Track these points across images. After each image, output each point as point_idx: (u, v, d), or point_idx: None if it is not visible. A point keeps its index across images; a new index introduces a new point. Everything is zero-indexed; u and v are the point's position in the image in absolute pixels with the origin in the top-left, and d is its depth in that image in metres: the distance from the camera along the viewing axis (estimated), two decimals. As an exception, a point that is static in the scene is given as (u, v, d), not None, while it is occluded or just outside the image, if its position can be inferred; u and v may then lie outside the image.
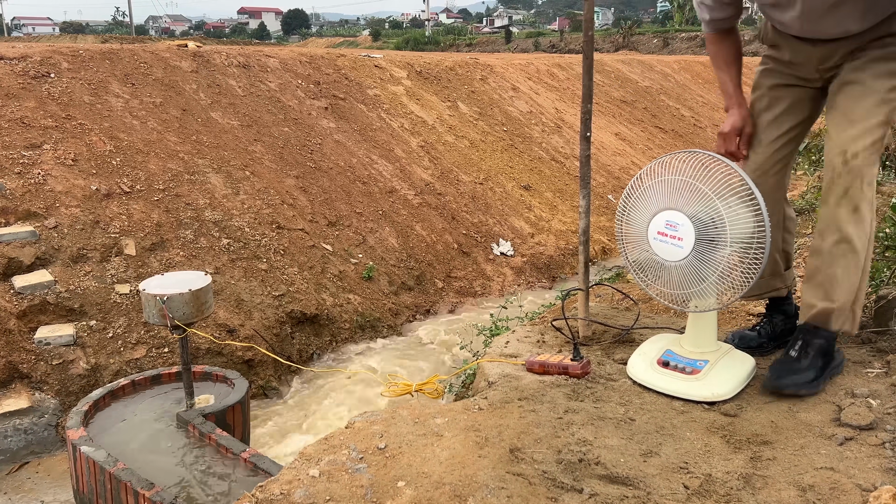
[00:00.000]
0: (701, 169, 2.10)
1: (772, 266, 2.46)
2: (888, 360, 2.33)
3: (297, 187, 8.34)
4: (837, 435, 1.92)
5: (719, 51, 2.49)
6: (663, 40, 39.76)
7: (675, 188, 2.14)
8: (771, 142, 2.41)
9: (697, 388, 2.16)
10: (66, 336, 5.44)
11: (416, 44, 43.20)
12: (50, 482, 4.77)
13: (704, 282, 2.13)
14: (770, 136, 2.41)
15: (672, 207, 2.13)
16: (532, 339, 2.76)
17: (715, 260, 2.10)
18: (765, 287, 2.49)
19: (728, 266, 2.09)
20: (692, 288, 2.17)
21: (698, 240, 2.09)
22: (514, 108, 13.01)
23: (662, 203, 2.16)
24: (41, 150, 6.75)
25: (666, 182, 2.17)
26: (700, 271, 2.13)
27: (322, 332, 6.88)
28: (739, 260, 2.08)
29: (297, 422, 5.57)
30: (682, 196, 2.12)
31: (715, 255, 2.09)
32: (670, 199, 2.14)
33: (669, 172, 2.16)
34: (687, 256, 2.12)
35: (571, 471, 1.80)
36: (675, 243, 2.13)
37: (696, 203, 2.10)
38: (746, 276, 2.09)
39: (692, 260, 2.12)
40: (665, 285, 2.24)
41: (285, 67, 10.63)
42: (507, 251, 9.24)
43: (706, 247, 2.10)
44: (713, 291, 2.15)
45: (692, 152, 2.14)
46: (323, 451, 1.90)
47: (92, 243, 6.15)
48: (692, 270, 2.14)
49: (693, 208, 2.10)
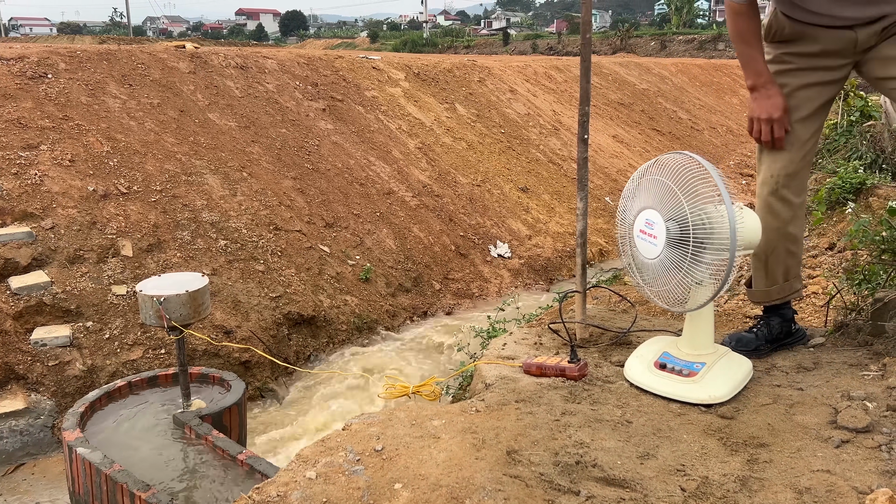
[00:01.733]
0: (678, 170, 2.13)
1: (793, 269, 2.49)
2: (884, 362, 2.33)
3: (295, 189, 8.33)
4: (834, 437, 1.92)
5: (751, 24, 2.32)
6: (661, 43, 39.84)
7: (654, 188, 2.19)
8: (802, 143, 2.37)
9: (694, 391, 2.16)
10: (62, 337, 5.42)
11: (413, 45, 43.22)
12: (46, 484, 4.76)
13: (672, 281, 2.17)
14: (802, 138, 2.37)
15: (651, 206, 2.18)
16: (529, 341, 2.76)
17: (681, 259, 2.13)
18: (787, 290, 2.50)
19: (697, 266, 2.10)
20: (663, 286, 2.20)
21: (668, 239, 2.13)
22: (511, 110, 13.02)
23: (644, 202, 2.22)
24: (38, 151, 6.74)
25: (648, 182, 2.22)
26: (669, 270, 2.16)
27: (319, 333, 6.87)
28: (710, 261, 2.09)
29: (294, 424, 5.56)
30: (659, 196, 2.17)
31: (683, 255, 2.12)
32: (650, 199, 2.20)
33: (653, 173, 2.21)
34: (659, 255, 2.16)
35: (568, 473, 1.80)
36: (651, 241, 2.18)
37: (668, 203, 2.14)
38: (715, 278, 2.09)
39: (663, 259, 2.16)
40: (647, 283, 2.29)
41: (283, 69, 10.63)
42: (504, 253, 9.25)
43: (675, 246, 2.13)
44: (682, 290, 2.18)
45: (681, 154, 2.16)
46: (320, 452, 1.89)
47: (89, 244, 6.14)
48: (663, 269, 2.18)
49: (665, 208, 2.15)
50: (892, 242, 3.02)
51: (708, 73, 20.87)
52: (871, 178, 4.78)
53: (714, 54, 33.47)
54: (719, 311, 3.58)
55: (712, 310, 2.30)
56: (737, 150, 15.32)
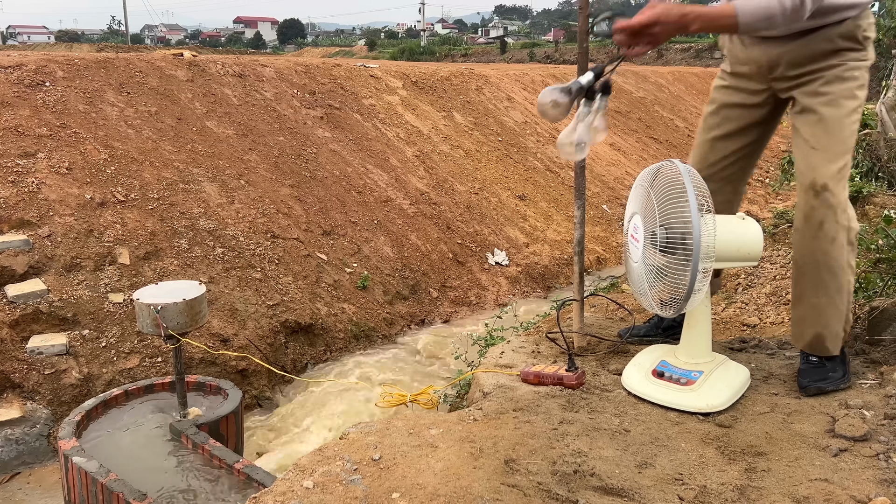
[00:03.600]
0: (657, 176, 2.19)
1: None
2: (881, 371, 2.33)
3: (292, 196, 8.33)
4: (832, 446, 1.92)
5: None
6: (657, 51, 39.99)
7: (640, 193, 2.27)
8: (718, 160, 2.46)
9: (692, 399, 2.16)
10: (58, 345, 5.41)
11: (411, 54, 43.31)
12: (41, 493, 4.73)
13: (644, 283, 2.21)
14: (718, 155, 2.46)
15: (637, 211, 2.26)
16: (527, 349, 2.76)
17: (652, 262, 2.18)
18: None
19: (664, 269, 2.14)
20: (640, 287, 2.26)
21: (644, 241, 2.19)
22: (509, 118, 13.06)
23: (634, 207, 2.30)
24: (35, 159, 6.73)
25: (636, 187, 2.30)
26: (644, 272, 2.22)
27: (316, 341, 6.86)
28: (677, 264, 2.10)
29: (291, 432, 5.54)
30: (641, 201, 2.25)
31: (654, 258, 2.17)
32: (637, 204, 2.27)
33: (642, 179, 2.27)
34: (639, 259, 2.23)
35: (566, 482, 1.79)
36: (635, 244, 2.26)
37: (646, 207, 2.20)
38: (677, 283, 2.11)
39: (641, 262, 2.22)
40: (634, 285, 2.34)
41: (281, 77, 10.65)
42: (502, 261, 9.25)
43: (648, 249, 2.18)
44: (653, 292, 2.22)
45: (672, 162, 2.18)
46: (317, 462, 1.89)
47: (86, 252, 6.13)
48: (640, 272, 2.24)
49: (644, 212, 2.22)
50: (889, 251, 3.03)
51: (704, 81, 20.93)
52: (868, 186, 4.80)
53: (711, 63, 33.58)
54: (716, 319, 3.58)
55: (709, 318, 2.31)
56: (733, 158, 15.36)
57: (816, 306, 2.25)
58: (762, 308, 3.63)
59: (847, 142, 2.15)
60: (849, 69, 2.15)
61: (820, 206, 2.13)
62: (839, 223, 2.14)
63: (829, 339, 2.25)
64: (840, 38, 2.14)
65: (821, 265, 2.20)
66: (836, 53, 2.16)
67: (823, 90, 2.17)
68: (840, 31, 2.13)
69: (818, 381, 2.24)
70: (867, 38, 2.17)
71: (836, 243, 2.16)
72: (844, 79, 2.15)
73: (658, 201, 2.13)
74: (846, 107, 2.15)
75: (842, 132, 2.14)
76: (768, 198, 12.75)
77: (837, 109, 2.15)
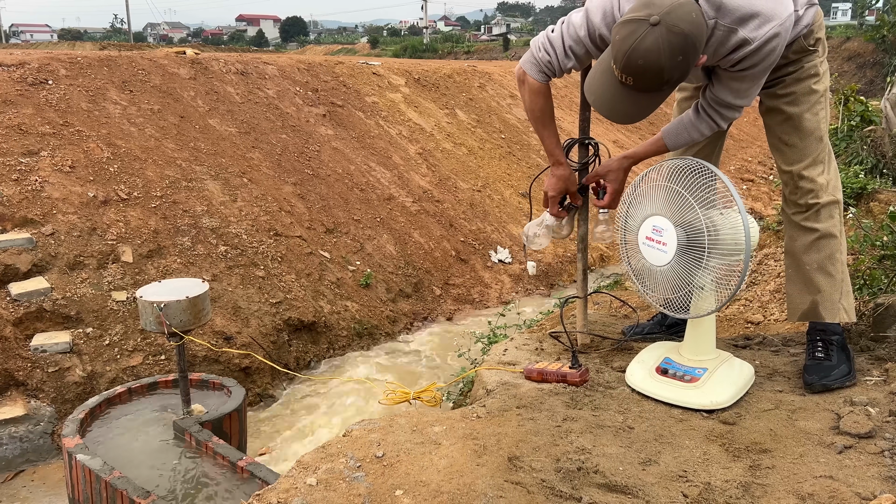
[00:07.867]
0: (687, 175, 2.11)
1: None
2: (886, 367, 2.32)
3: (295, 194, 8.33)
4: (836, 443, 1.91)
5: (546, 104, 2.37)
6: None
7: (661, 194, 2.18)
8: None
9: (696, 396, 2.16)
10: (62, 343, 5.41)
11: (414, 51, 43.24)
12: (45, 490, 4.74)
13: (685, 287, 2.15)
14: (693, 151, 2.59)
15: (658, 213, 2.18)
16: (530, 346, 2.76)
17: (695, 266, 2.12)
18: None
19: (708, 272, 2.10)
20: (675, 293, 2.19)
21: (680, 246, 2.12)
22: (512, 115, 13.04)
23: (651, 209, 2.21)
24: (38, 157, 6.74)
25: (654, 188, 2.21)
26: (681, 277, 2.15)
27: (319, 339, 6.86)
28: (722, 266, 2.09)
29: (295, 430, 5.55)
30: (667, 202, 2.16)
31: (696, 261, 2.11)
32: (657, 205, 2.19)
33: (658, 178, 2.20)
34: (670, 262, 2.15)
35: (570, 479, 1.79)
36: (660, 248, 2.18)
37: (679, 209, 2.13)
38: (728, 283, 2.09)
39: (674, 265, 2.15)
40: (654, 290, 2.27)
41: (283, 74, 10.65)
42: (505, 258, 9.24)
43: (687, 252, 2.12)
44: (693, 296, 2.17)
45: (683, 159, 2.15)
46: (320, 459, 1.89)
47: (89, 250, 6.14)
48: (674, 276, 2.16)
49: (676, 214, 2.14)
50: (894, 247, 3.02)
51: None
52: (872, 182, 4.79)
53: (713, 59, 33.48)
54: (720, 316, 3.57)
55: (714, 315, 2.30)
56: (737, 156, 15.32)
57: (807, 276, 2.33)
58: (766, 305, 3.62)
59: (816, 132, 2.29)
60: (804, 70, 2.28)
61: (801, 192, 2.31)
62: (820, 202, 2.29)
63: (824, 305, 2.31)
64: (793, 54, 2.25)
65: (810, 242, 2.32)
66: (791, 63, 2.27)
67: (783, 92, 2.30)
68: (792, 49, 2.23)
69: (823, 378, 2.24)
70: (818, 40, 2.28)
71: (821, 217, 2.30)
72: (802, 79, 2.28)
73: (699, 205, 2.07)
74: (808, 101, 2.28)
75: (809, 124, 2.29)
76: (772, 195, 12.72)
77: (800, 106, 2.29)
